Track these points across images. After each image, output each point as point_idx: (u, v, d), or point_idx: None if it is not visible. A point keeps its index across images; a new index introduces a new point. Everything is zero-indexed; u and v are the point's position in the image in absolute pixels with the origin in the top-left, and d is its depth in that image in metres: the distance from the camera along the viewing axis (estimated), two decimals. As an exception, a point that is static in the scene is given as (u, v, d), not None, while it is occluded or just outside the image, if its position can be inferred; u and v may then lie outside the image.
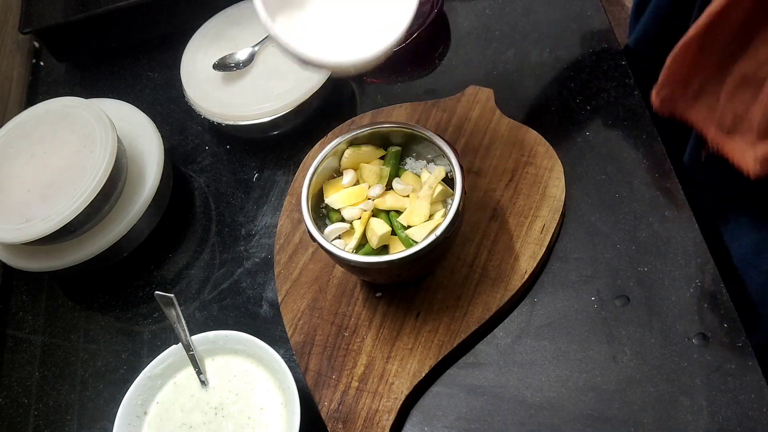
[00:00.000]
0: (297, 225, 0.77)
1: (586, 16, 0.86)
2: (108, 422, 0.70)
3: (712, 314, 0.65)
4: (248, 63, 0.86)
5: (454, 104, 0.81)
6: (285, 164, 0.86)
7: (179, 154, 0.90)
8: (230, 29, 0.90)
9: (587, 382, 0.64)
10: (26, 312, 0.83)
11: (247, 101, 0.83)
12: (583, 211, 0.73)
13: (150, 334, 0.78)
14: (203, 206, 0.85)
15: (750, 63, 0.65)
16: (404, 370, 0.67)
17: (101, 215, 0.78)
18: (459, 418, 0.65)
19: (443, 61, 0.88)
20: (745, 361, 0.62)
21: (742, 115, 0.67)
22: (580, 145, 0.77)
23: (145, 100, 0.95)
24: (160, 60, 0.99)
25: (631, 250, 0.70)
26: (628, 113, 0.78)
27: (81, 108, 0.80)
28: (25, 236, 0.73)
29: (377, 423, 0.65)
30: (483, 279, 0.69)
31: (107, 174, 0.74)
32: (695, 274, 0.67)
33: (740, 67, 0.66)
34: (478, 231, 0.72)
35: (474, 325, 0.68)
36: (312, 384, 0.68)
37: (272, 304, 0.76)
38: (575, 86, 0.81)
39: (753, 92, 0.65)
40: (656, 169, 0.74)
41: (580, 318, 0.68)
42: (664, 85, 0.68)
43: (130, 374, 0.73)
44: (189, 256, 0.82)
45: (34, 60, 1.06)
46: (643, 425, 0.62)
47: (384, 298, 0.71)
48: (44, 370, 0.78)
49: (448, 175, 0.67)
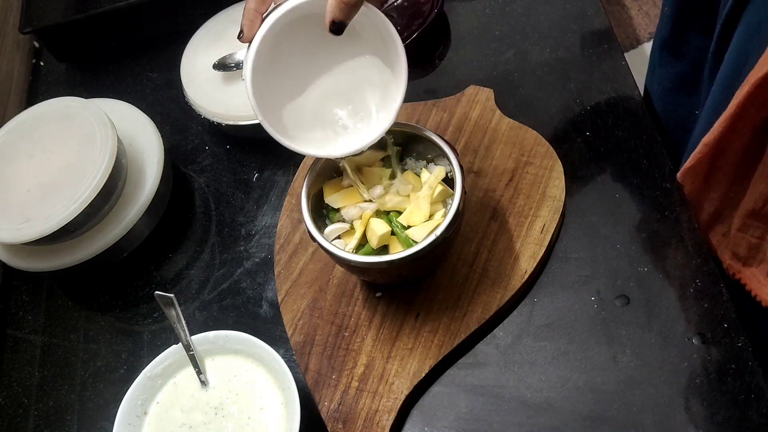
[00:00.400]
0: (297, 225, 0.77)
1: (586, 16, 0.86)
2: (108, 422, 0.70)
3: (712, 314, 0.65)
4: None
5: (454, 104, 0.81)
6: (285, 164, 0.86)
7: (179, 154, 0.90)
8: (230, 29, 0.90)
9: (587, 382, 0.64)
10: (26, 312, 0.83)
11: (247, 101, 0.83)
12: (583, 211, 0.73)
13: (150, 334, 0.78)
14: (203, 206, 0.85)
15: (754, 197, 0.66)
16: (404, 370, 0.67)
17: (101, 215, 0.78)
18: (459, 418, 0.65)
19: (443, 61, 0.88)
20: (745, 361, 0.62)
21: (757, 246, 0.68)
22: (580, 145, 0.77)
23: (145, 100, 0.95)
24: (160, 60, 0.99)
25: (631, 250, 0.70)
26: (628, 113, 0.78)
27: (81, 108, 0.80)
28: (25, 236, 0.73)
29: (377, 423, 0.65)
30: (483, 279, 0.69)
31: (107, 174, 0.74)
32: (695, 274, 0.67)
33: (746, 202, 0.67)
34: (478, 231, 0.72)
35: (474, 325, 0.67)
36: (312, 384, 0.68)
37: (272, 304, 0.76)
38: (575, 86, 0.81)
39: (764, 226, 0.65)
40: (656, 169, 0.74)
41: (580, 318, 0.68)
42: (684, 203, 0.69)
43: (130, 374, 0.73)
44: (189, 256, 0.82)
45: (34, 60, 1.06)
46: (643, 425, 0.62)
47: (384, 298, 0.71)
48: (44, 370, 0.78)
49: (448, 175, 0.67)
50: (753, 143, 0.63)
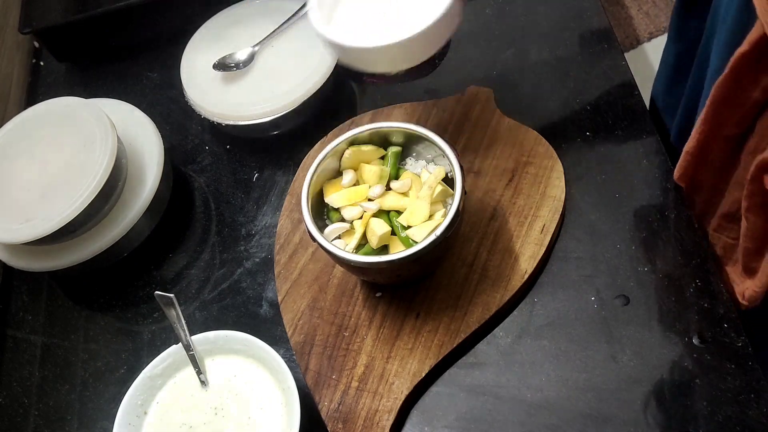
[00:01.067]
0: (297, 225, 0.77)
1: (586, 16, 0.86)
2: (108, 422, 0.70)
3: (712, 314, 0.65)
4: (248, 63, 0.86)
5: (454, 104, 0.81)
6: (285, 164, 0.86)
7: (179, 154, 0.90)
8: (230, 29, 0.90)
9: (587, 381, 0.64)
10: (26, 312, 0.83)
11: (247, 101, 0.83)
12: (583, 211, 0.73)
13: (150, 334, 0.78)
14: (203, 206, 0.85)
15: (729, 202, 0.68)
16: (404, 370, 0.67)
17: (101, 215, 0.78)
18: (459, 418, 0.65)
19: (443, 61, 0.88)
20: (745, 361, 0.62)
21: (732, 247, 0.70)
22: (580, 145, 0.77)
23: (145, 100, 0.95)
24: (160, 60, 0.99)
25: (631, 250, 0.70)
26: (628, 113, 0.78)
27: (81, 108, 0.80)
28: (25, 236, 0.73)
29: (377, 423, 0.65)
30: (483, 279, 0.69)
31: (107, 174, 0.74)
32: (695, 274, 0.67)
33: (722, 206, 0.69)
34: (478, 231, 0.72)
35: (474, 325, 0.68)
36: (312, 384, 0.68)
37: (272, 304, 0.76)
38: (575, 86, 0.81)
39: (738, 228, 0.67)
40: (656, 169, 0.74)
41: (580, 318, 0.68)
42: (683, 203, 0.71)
43: (130, 374, 0.73)
44: (189, 256, 0.82)
45: (34, 60, 1.06)
46: (643, 424, 0.62)
47: (384, 298, 0.71)
48: (44, 370, 0.78)
49: (448, 175, 0.67)
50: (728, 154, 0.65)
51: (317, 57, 0.84)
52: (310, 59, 0.84)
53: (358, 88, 0.90)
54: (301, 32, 0.87)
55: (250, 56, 0.86)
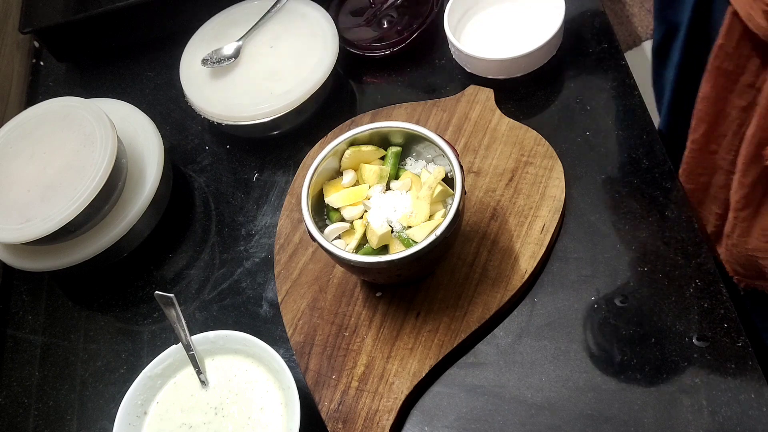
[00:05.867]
0: (297, 225, 0.77)
1: (586, 16, 0.86)
2: (108, 422, 0.70)
3: (712, 314, 0.65)
4: (234, 57, 0.86)
5: (454, 104, 0.81)
6: (285, 164, 0.86)
7: (179, 154, 0.90)
8: (230, 29, 0.90)
9: (587, 382, 0.64)
10: (26, 312, 0.83)
11: (247, 101, 0.83)
12: (583, 211, 0.73)
13: (150, 334, 0.78)
14: (203, 206, 0.85)
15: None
16: (404, 370, 0.67)
17: (101, 215, 0.78)
18: (459, 418, 0.65)
19: (443, 61, 0.88)
20: (745, 361, 0.62)
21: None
22: (580, 145, 0.77)
23: (145, 100, 0.96)
24: (160, 60, 0.99)
25: (631, 250, 0.70)
26: (628, 113, 0.78)
27: (81, 108, 0.80)
28: (25, 236, 0.73)
29: (377, 423, 0.65)
30: (483, 279, 0.69)
31: (107, 174, 0.74)
32: (695, 274, 0.67)
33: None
34: (478, 231, 0.72)
35: (474, 324, 0.68)
36: (312, 384, 0.68)
37: (272, 304, 0.76)
38: (575, 86, 0.81)
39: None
40: (656, 169, 0.74)
41: (580, 318, 0.68)
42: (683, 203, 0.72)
43: (130, 374, 0.73)
44: (189, 256, 0.82)
45: (34, 60, 1.06)
46: (643, 425, 0.62)
47: (384, 298, 0.71)
48: (44, 370, 0.78)
49: (448, 175, 0.67)
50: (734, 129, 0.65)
51: (317, 57, 0.84)
52: (309, 59, 0.84)
53: (358, 88, 0.90)
54: (301, 32, 0.87)
55: (236, 50, 0.86)
